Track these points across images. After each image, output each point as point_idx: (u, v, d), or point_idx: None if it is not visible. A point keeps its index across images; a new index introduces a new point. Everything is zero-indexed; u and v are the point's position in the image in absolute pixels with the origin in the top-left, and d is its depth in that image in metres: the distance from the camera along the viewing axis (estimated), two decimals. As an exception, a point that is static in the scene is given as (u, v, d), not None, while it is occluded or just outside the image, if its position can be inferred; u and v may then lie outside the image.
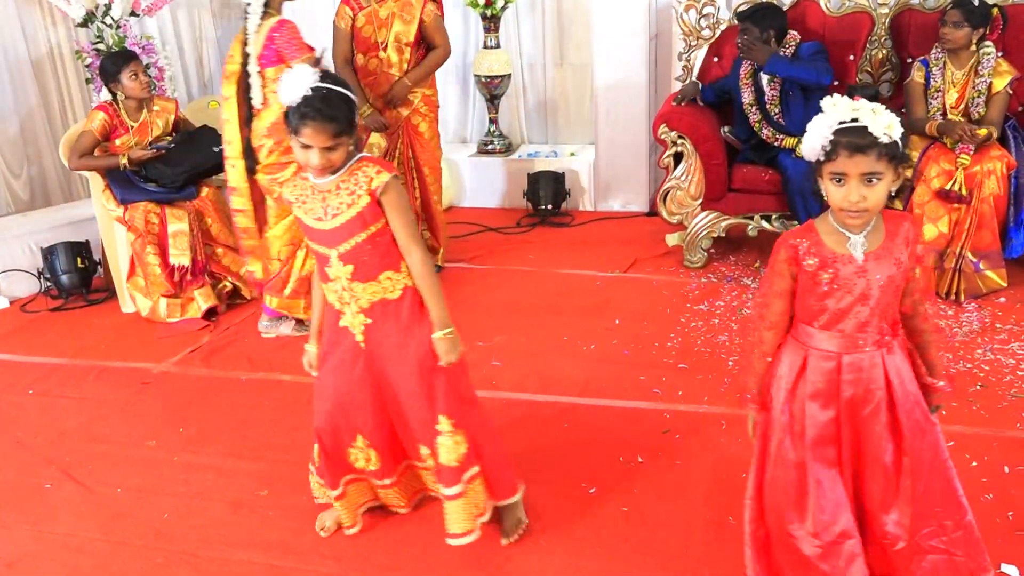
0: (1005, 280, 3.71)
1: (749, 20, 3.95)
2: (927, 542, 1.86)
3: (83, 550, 2.42)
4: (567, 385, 3.18)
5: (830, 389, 1.78)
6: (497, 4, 5.06)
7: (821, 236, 1.73)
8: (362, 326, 2.15)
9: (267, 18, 3.33)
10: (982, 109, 3.73)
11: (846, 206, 1.65)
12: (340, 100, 1.99)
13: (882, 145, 1.61)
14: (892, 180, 1.66)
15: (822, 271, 1.71)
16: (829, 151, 1.64)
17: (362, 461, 2.30)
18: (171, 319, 3.91)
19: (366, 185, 2.04)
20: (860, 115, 1.62)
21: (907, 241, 1.72)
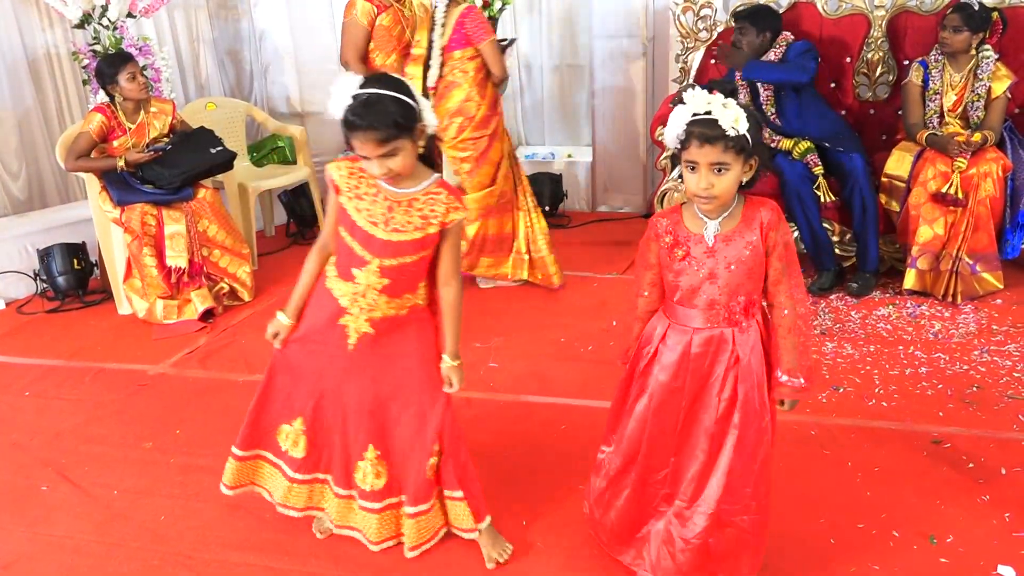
0: (1001, 282, 3.71)
1: (747, 20, 3.96)
2: (729, 517, 1.96)
3: (79, 551, 2.42)
4: (564, 387, 3.18)
5: (682, 362, 1.92)
6: (495, 6, 5.06)
7: (683, 217, 1.88)
8: (361, 333, 2.10)
9: (454, 6, 3.74)
10: (980, 113, 3.74)
11: (697, 191, 1.78)
12: (386, 103, 1.87)
13: (729, 138, 1.71)
14: (742, 171, 1.77)
15: (676, 248, 1.86)
16: (683, 140, 1.76)
17: (288, 443, 2.25)
18: (168, 321, 3.90)
19: (441, 216, 2.00)
20: (712, 108, 1.72)
21: (761, 226, 1.83)
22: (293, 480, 2.29)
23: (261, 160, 5.19)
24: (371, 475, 2.20)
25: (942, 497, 2.44)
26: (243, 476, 2.35)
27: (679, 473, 2.00)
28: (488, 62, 3.81)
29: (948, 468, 2.58)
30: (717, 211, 1.83)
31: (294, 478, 2.29)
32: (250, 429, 2.29)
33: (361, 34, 3.92)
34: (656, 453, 2.01)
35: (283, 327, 2.20)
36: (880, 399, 2.98)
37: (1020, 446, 2.67)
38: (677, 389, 1.94)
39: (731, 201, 1.83)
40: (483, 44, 3.76)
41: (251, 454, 2.32)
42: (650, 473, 2.04)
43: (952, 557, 2.21)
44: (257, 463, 2.34)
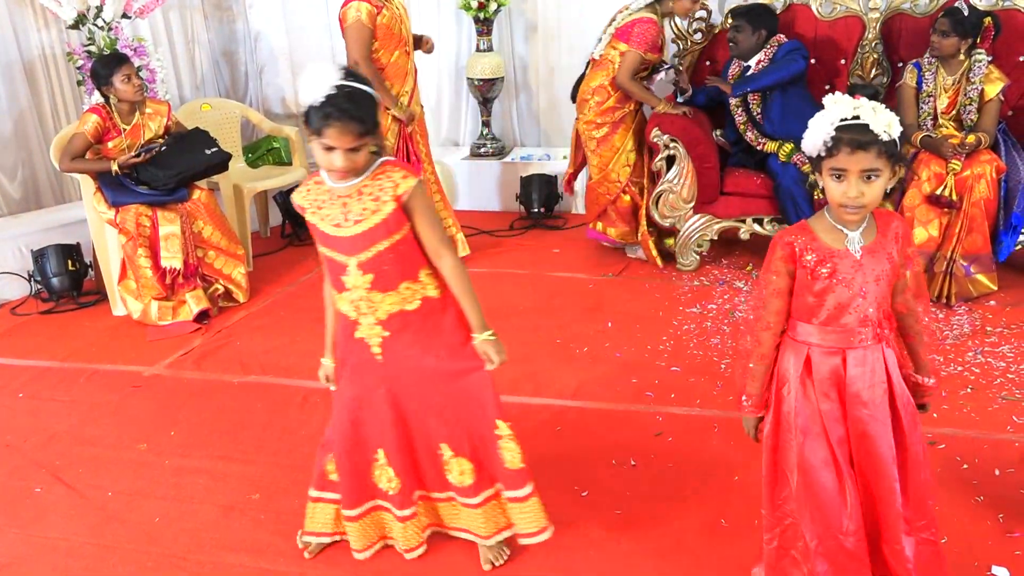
0: (995, 283, 3.72)
1: (744, 18, 3.98)
2: (921, 534, 1.87)
3: (73, 554, 2.41)
4: (560, 388, 3.18)
5: (837, 385, 1.79)
6: (490, 7, 5.07)
7: (817, 233, 1.76)
8: (379, 338, 2.06)
9: (648, 9, 3.99)
10: (974, 116, 3.75)
11: (845, 202, 1.68)
12: (365, 99, 1.88)
13: (882, 143, 1.64)
14: (889, 178, 1.69)
15: (820, 266, 1.73)
16: (831, 147, 1.66)
17: (384, 481, 2.19)
18: (162, 322, 3.89)
19: (391, 191, 1.95)
20: (861, 112, 1.65)
21: (897, 238, 1.76)
22: (403, 519, 2.23)
23: (256, 161, 5.18)
24: (456, 471, 2.17)
25: (936, 498, 2.44)
26: (368, 534, 2.28)
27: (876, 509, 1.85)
28: (620, 65, 4.05)
29: (942, 469, 2.58)
30: (860, 221, 1.73)
31: (403, 516, 2.23)
32: (350, 483, 2.21)
33: (367, 34, 3.98)
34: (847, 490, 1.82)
35: (328, 369, 2.19)
36: (875, 400, 2.99)
37: (1014, 447, 2.68)
38: (842, 416, 1.81)
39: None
40: (628, 48, 4.01)
41: (365, 509, 2.25)
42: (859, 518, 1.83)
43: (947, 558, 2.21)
44: (376, 515, 2.27)
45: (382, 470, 2.19)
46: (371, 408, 2.14)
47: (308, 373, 3.26)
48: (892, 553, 1.86)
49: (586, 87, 4.20)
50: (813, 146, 1.71)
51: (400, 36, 4.07)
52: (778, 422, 1.86)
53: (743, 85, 3.96)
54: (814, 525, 1.83)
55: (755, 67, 4.02)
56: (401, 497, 2.20)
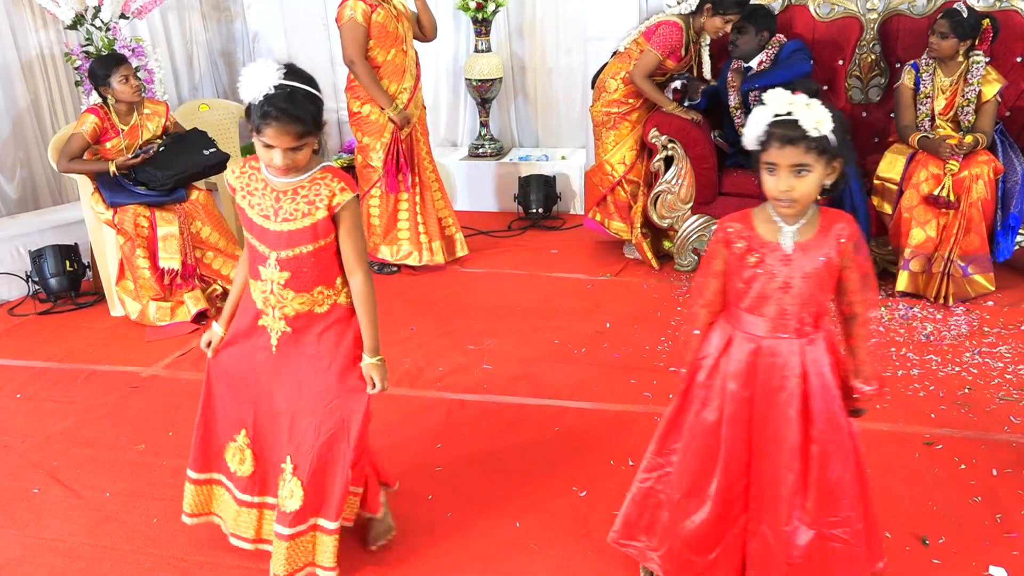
0: (993, 284, 3.73)
1: (747, 19, 3.98)
2: (831, 531, 1.90)
3: (71, 554, 2.41)
4: (558, 388, 3.18)
5: (749, 371, 1.86)
6: (488, 8, 5.07)
7: (755, 223, 1.82)
8: (280, 333, 2.07)
9: (679, 16, 4.06)
10: (971, 117, 3.75)
11: (776, 195, 1.74)
12: (306, 99, 1.87)
13: (811, 139, 1.68)
14: (824, 173, 1.72)
15: (748, 255, 1.80)
16: (763, 141, 1.72)
17: (236, 461, 2.19)
18: (160, 323, 3.89)
19: (327, 199, 1.96)
20: (794, 109, 1.69)
21: (838, 239, 1.78)
22: (242, 503, 2.22)
23: (254, 162, 5.18)
24: (287, 490, 2.09)
25: (934, 498, 2.45)
26: (201, 503, 2.29)
27: (764, 491, 1.91)
28: (637, 63, 4.12)
29: (940, 469, 2.59)
30: (796, 216, 1.77)
31: (243, 500, 2.22)
32: (200, 446, 2.24)
33: (361, 32, 3.98)
34: (733, 466, 1.91)
35: (215, 335, 2.20)
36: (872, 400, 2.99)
37: (1011, 447, 2.68)
38: (747, 399, 1.87)
39: (809, 206, 1.78)
40: (648, 48, 4.08)
41: (205, 477, 2.27)
42: (730, 488, 1.93)
43: (944, 558, 2.22)
44: (211, 488, 2.29)
45: (238, 451, 2.19)
46: (248, 389, 2.15)
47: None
48: (775, 535, 1.90)
49: (604, 76, 4.31)
50: (750, 140, 1.76)
51: (396, 34, 4.07)
52: (689, 384, 1.97)
53: (751, 82, 3.96)
54: (684, 480, 1.97)
55: (756, 67, 4.02)
56: (247, 482, 2.19)
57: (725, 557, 1.98)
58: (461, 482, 2.63)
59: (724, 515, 1.95)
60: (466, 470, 2.67)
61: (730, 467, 1.91)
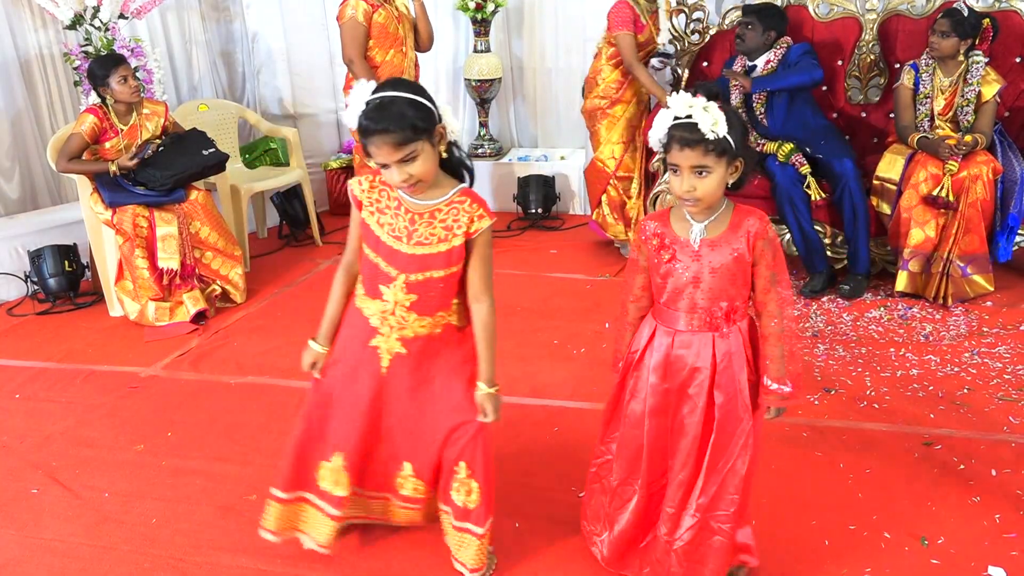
0: (992, 284, 3.73)
1: (756, 16, 3.98)
2: (717, 523, 1.95)
3: (69, 555, 2.41)
4: (557, 389, 3.18)
5: (665, 362, 1.94)
6: (487, 8, 5.07)
7: (671, 220, 1.90)
8: (394, 354, 2.03)
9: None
10: (971, 117, 3.75)
11: (680, 194, 1.80)
12: (400, 104, 1.79)
13: (709, 141, 1.73)
14: (726, 172, 1.79)
15: (662, 251, 1.88)
16: (665, 144, 1.80)
17: (329, 482, 2.15)
18: (159, 323, 3.89)
19: (466, 225, 1.93)
20: (693, 112, 1.74)
21: (748, 235, 1.83)
22: (336, 519, 2.18)
23: (254, 162, 5.18)
24: (410, 488, 2.17)
25: (933, 498, 2.45)
26: (287, 520, 2.23)
27: (672, 478, 2.00)
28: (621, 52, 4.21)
29: (939, 470, 2.59)
30: (703, 213, 1.84)
31: (336, 516, 2.17)
32: (293, 468, 2.17)
33: (361, 32, 4.00)
34: (657, 457, 2.00)
35: (319, 355, 2.12)
36: (871, 401, 2.99)
37: (1010, 447, 2.68)
38: (667, 390, 1.95)
39: (717, 204, 1.84)
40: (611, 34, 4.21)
41: (294, 496, 2.20)
42: (655, 479, 2.03)
43: (943, 558, 2.22)
44: (300, 506, 2.22)
45: (332, 472, 2.14)
46: (349, 411, 2.10)
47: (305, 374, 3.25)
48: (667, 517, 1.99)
49: (588, 76, 4.44)
50: (655, 141, 1.82)
51: (396, 36, 4.07)
52: (624, 375, 2.05)
53: (763, 83, 3.95)
54: (621, 467, 2.07)
55: (763, 66, 4.02)
56: (341, 499, 2.16)
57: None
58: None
59: (651, 504, 2.04)
60: (465, 470, 2.67)
61: (653, 457, 2.00)
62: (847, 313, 3.70)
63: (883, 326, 3.56)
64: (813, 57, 3.94)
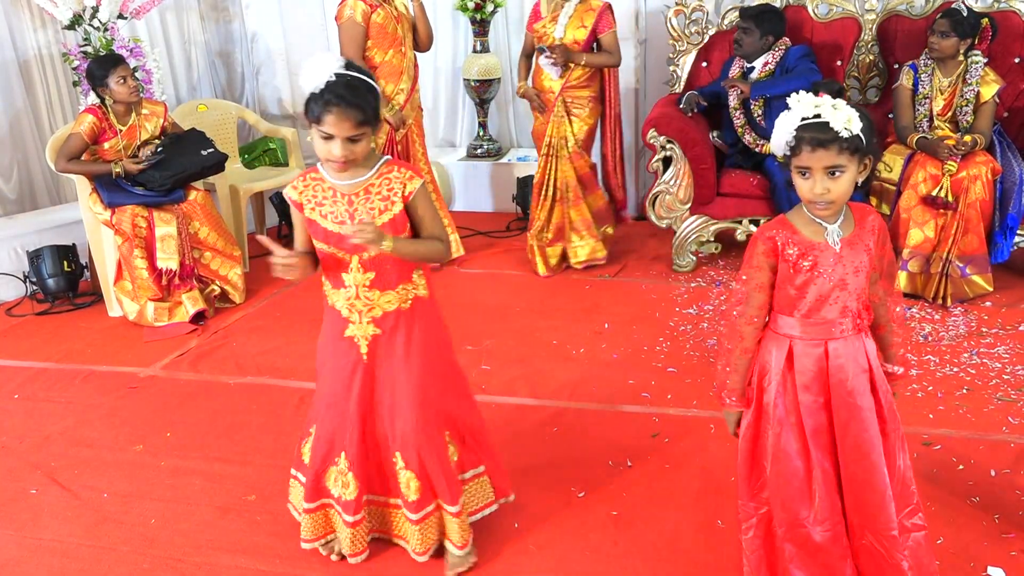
0: (991, 285, 3.73)
1: (753, 20, 3.98)
2: (908, 520, 1.89)
3: (68, 555, 2.40)
4: (556, 389, 3.18)
5: (820, 376, 1.82)
6: (486, 8, 5.07)
7: (797, 227, 1.79)
8: (370, 338, 2.08)
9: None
10: (970, 117, 3.76)
11: (813, 198, 1.72)
12: (365, 88, 1.89)
13: (843, 139, 1.67)
14: (857, 172, 1.72)
15: (802, 259, 1.77)
16: (794, 146, 1.71)
17: (339, 486, 2.19)
18: (159, 323, 3.89)
19: (400, 191, 1.99)
20: (822, 111, 1.68)
21: (874, 230, 1.79)
22: (352, 524, 2.21)
23: (253, 162, 5.18)
24: (404, 481, 2.17)
25: (932, 499, 2.45)
26: (320, 527, 2.28)
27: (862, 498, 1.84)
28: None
29: (938, 470, 2.59)
30: (835, 215, 1.77)
31: (351, 522, 2.21)
32: (312, 479, 2.21)
33: (360, 32, 4.00)
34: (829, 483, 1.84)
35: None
36: (871, 401, 2.99)
37: (1009, 448, 2.68)
38: (822, 406, 1.83)
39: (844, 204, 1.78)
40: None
41: (318, 504, 2.25)
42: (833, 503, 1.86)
43: (942, 558, 2.22)
44: (327, 512, 2.27)
45: (339, 475, 2.19)
46: (343, 407, 2.15)
47: (304, 374, 3.26)
48: (885, 541, 1.85)
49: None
50: (780, 146, 1.75)
51: (395, 36, 4.07)
52: (759, 413, 1.89)
53: (762, 89, 3.95)
54: (783, 513, 1.87)
55: (761, 68, 4.02)
56: (354, 503, 2.19)
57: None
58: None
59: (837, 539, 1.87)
60: (464, 471, 2.67)
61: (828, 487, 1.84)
62: (846, 313, 3.70)
63: (882, 326, 3.56)
64: (812, 61, 3.93)
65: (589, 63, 4.08)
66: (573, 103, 4.14)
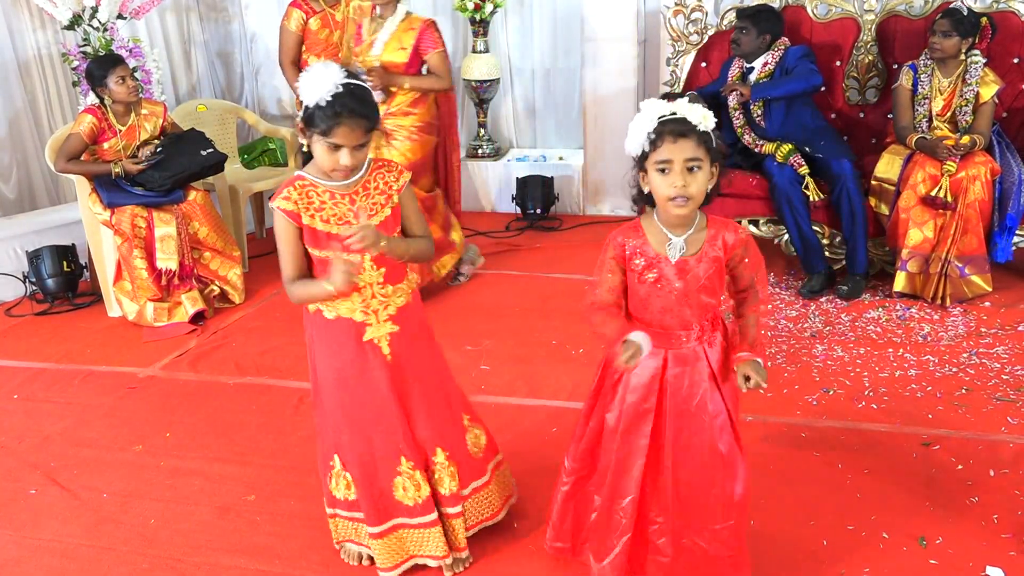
0: (990, 285, 3.73)
1: (749, 20, 3.98)
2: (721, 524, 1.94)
3: (68, 555, 2.40)
4: (556, 389, 3.18)
5: (651, 383, 1.88)
6: (486, 8, 5.07)
7: (647, 236, 1.83)
8: (389, 336, 2.05)
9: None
10: (969, 118, 3.76)
11: (672, 193, 1.74)
12: (368, 95, 1.92)
13: (700, 132, 1.73)
14: (709, 174, 1.76)
15: (647, 271, 1.82)
16: (654, 140, 1.74)
17: (412, 490, 2.12)
18: (158, 323, 3.89)
19: (395, 184, 2.03)
20: (678, 109, 1.74)
21: (725, 245, 1.82)
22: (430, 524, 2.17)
23: (252, 162, 5.18)
24: (447, 480, 2.17)
25: (931, 499, 2.45)
26: (396, 551, 2.19)
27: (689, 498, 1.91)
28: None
29: (937, 470, 2.59)
30: (684, 225, 1.80)
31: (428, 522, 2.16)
32: (371, 501, 2.13)
33: (292, 40, 4.12)
34: (624, 476, 1.93)
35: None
36: (870, 401, 2.99)
37: (1008, 448, 2.69)
38: (647, 411, 1.89)
39: (694, 215, 1.81)
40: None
41: (389, 526, 2.16)
42: (616, 498, 1.96)
43: (941, 558, 2.22)
44: (399, 533, 2.18)
45: (408, 479, 2.13)
46: (382, 414, 2.09)
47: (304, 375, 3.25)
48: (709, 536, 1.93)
49: None
50: (636, 144, 1.78)
51: (328, 42, 4.11)
52: (600, 386, 1.99)
53: (762, 91, 3.94)
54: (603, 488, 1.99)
55: (760, 69, 4.01)
56: (425, 505, 2.14)
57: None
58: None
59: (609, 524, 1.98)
60: (464, 471, 2.67)
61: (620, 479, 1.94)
62: (845, 314, 3.70)
63: (881, 327, 3.56)
64: (811, 61, 3.92)
65: (413, 87, 3.76)
66: (394, 132, 3.82)
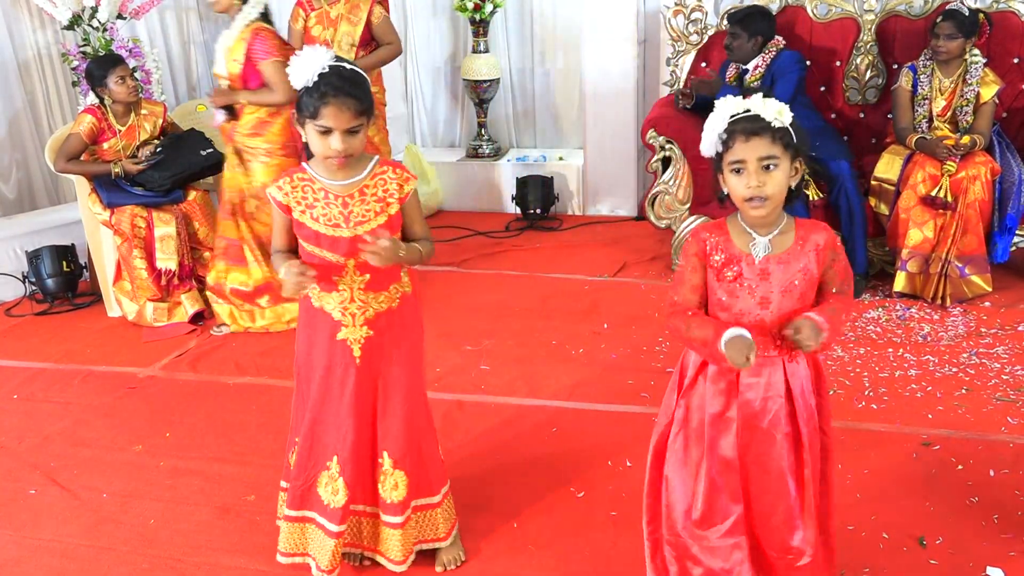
0: (990, 285, 3.73)
1: (739, 24, 3.98)
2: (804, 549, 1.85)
3: (68, 555, 2.40)
4: (555, 389, 3.18)
5: (729, 389, 1.77)
6: (485, 9, 5.07)
7: (730, 234, 1.74)
8: (363, 339, 2.04)
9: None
10: (969, 118, 3.76)
11: (748, 194, 1.66)
12: (359, 77, 1.86)
13: (775, 129, 1.64)
14: (790, 170, 1.68)
15: (727, 268, 1.72)
16: (726, 140, 1.67)
17: (328, 492, 2.12)
18: (158, 323, 3.89)
19: (397, 192, 1.97)
20: (751, 106, 1.67)
21: (817, 249, 1.72)
22: (335, 535, 2.12)
23: (252, 162, 5.17)
24: (390, 485, 2.14)
25: (931, 499, 2.45)
26: (296, 542, 2.19)
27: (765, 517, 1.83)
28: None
29: (937, 470, 2.59)
30: (769, 220, 1.70)
31: (336, 532, 2.12)
32: (299, 484, 2.14)
33: (294, 37, 4.10)
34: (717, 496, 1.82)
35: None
36: (870, 401, 3.00)
37: (1008, 448, 2.69)
38: (729, 420, 1.78)
39: (779, 215, 1.71)
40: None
41: (300, 515, 2.17)
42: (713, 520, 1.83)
43: (941, 558, 2.22)
44: (305, 527, 2.19)
45: (330, 480, 2.12)
46: (337, 409, 2.10)
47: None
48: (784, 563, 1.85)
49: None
50: (710, 145, 1.71)
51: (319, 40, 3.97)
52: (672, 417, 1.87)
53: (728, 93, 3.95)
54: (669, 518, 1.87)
55: (753, 71, 4.02)
56: (341, 512, 2.12)
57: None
58: (458, 482, 2.61)
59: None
60: (463, 471, 2.67)
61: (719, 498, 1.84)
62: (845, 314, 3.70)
63: (881, 326, 3.56)
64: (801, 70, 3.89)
65: (251, 102, 3.57)
66: (246, 153, 3.68)
